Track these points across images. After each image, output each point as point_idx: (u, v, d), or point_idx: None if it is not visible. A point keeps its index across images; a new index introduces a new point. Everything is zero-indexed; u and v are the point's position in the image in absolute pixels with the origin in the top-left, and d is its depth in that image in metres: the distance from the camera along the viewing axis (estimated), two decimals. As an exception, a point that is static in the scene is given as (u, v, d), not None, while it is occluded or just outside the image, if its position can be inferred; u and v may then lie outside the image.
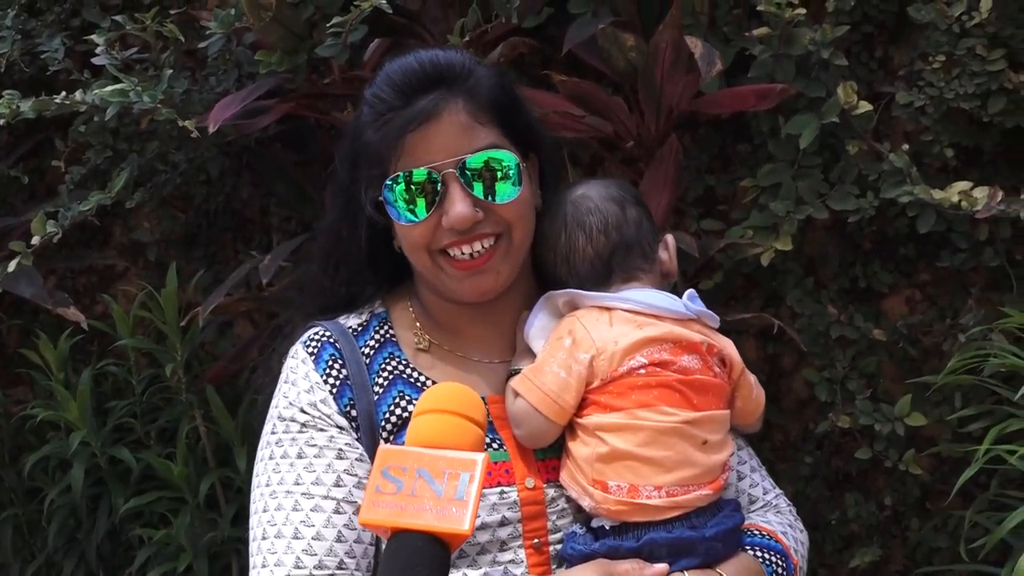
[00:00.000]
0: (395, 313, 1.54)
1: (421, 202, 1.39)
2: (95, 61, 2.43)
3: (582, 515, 1.40)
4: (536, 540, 1.38)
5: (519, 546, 1.37)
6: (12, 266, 2.31)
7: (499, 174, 1.40)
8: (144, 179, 2.69)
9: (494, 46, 2.16)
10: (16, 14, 2.68)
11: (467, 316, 1.51)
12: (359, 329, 1.51)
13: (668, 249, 1.51)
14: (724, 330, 2.41)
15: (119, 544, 2.83)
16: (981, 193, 2.00)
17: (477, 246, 1.41)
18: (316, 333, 1.50)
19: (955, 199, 2.00)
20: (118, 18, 2.42)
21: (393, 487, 1.15)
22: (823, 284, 2.34)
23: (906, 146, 2.10)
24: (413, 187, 1.39)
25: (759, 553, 1.44)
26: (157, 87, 2.31)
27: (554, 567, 1.38)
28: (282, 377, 1.49)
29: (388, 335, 1.51)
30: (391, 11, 2.05)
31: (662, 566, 1.32)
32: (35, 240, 2.34)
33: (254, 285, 2.63)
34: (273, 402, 1.48)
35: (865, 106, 2.05)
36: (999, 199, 1.97)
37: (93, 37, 2.41)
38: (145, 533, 2.67)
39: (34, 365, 2.81)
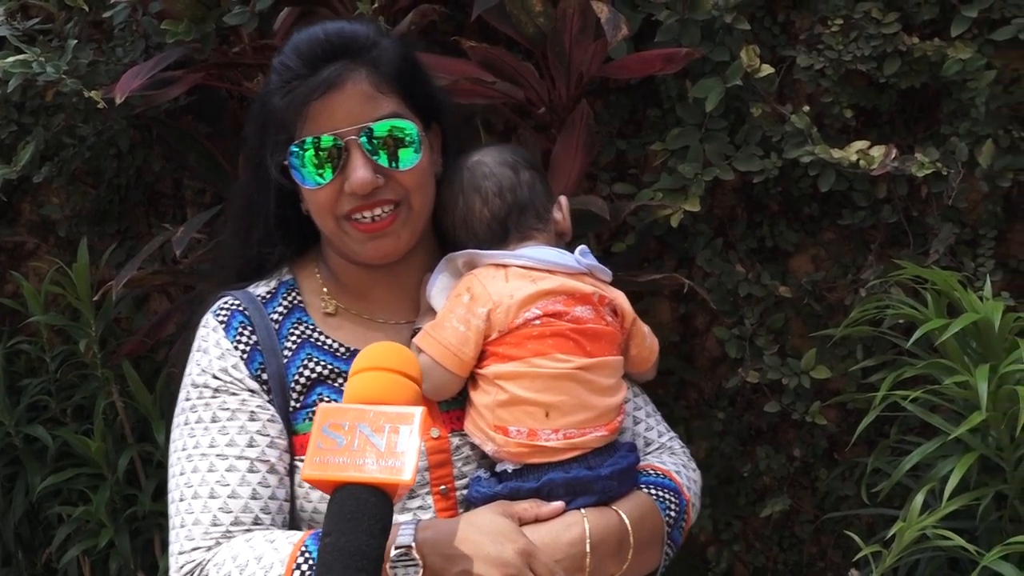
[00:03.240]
0: (302, 279, 1.59)
1: (325, 168, 1.45)
2: (-5, 32, 2.38)
3: (486, 461, 1.48)
4: (443, 487, 1.45)
5: (427, 493, 1.44)
6: (-85, 244, 2.26)
7: (399, 142, 1.46)
8: (51, 153, 2.64)
9: (405, 13, 2.16)
10: (-89, -15, 2.60)
11: (372, 279, 1.57)
12: (267, 296, 1.56)
13: (562, 209, 1.59)
14: (639, 292, 2.49)
15: (37, 523, 2.80)
16: (878, 152, 2.08)
17: (378, 211, 1.47)
18: (226, 302, 1.55)
19: (853, 158, 2.07)
20: (19, -13, 2.37)
21: (334, 443, 1.20)
22: (732, 244, 2.41)
23: (807, 108, 2.17)
24: (317, 153, 1.45)
25: (653, 491, 1.52)
26: (62, 58, 2.26)
27: (460, 510, 1.45)
28: (194, 346, 1.54)
29: (296, 301, 1.56)
30: (299, -22, 2.04)
31: (558, 504, 1.41)
32: (-61, 216, 2.29)
33: (169, 259, 2.61)
34: (187, 370, 1.53)
35: (767, 69, 2.11)
36: (893, 156, 2.05)
37: (-7, 7, 2.36)
38: (64, 511, 2.65)
39: (-57, 345, 2.75)
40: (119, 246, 2.76)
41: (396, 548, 1.30)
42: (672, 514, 1.53)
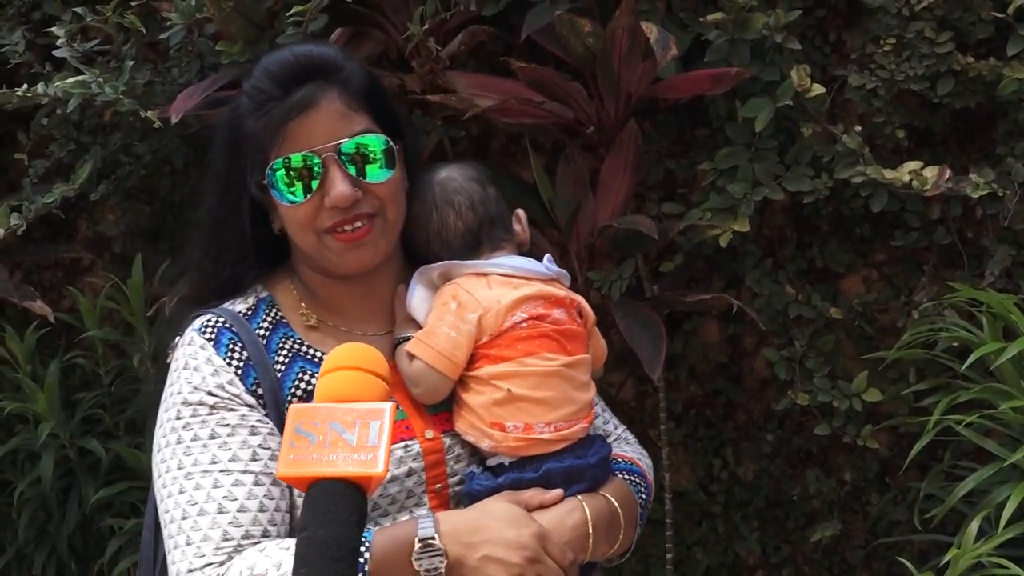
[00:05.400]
0: (279, 296, 1.62)
1: (303, 185, 1.50)
2: (56, 54, 2.43)
3: (476, 458, 1.56)
4: (438, 485, 1.52)
5: (423, 492, 1.51)
6: (-24, 260, 2.32)
7: (373, 156, 1.52)
8: (108, 171, 2.70)
9: (454, 34, 2.18)
10: (-25, 9, 2.68)
11: (347, 293, 1.61)
12: (248, 313, 1.58)
13: (521, 221, 1.67)
14: (687, 312, 2.48)
15: (90, 535, 2.84)
16: (931, 172, 2.05)
17: (357, 223, 1.53)
18: (209, 320, 1.55)
19: (906, 178, 2.05)
20: (79, 10, 2.42)
21: (307, 441, 1.21)
22: (781, 265, 2.39)
23: (859, 128, 2.15)
24: (295, 171, 1.50)
25: (627, 477, 1.64)
26: (119, 79, 2.31)
27: (452, 506, 1.52)
28: (179, 364, 1.52)
29: (278, 317, 1.59)
30: (351, 0, 2.06)
31: (558, 491, 1.50)
32: (-1, 233, 2.34)
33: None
34: (172, 389, 1.51)
35: (818, 89, 2.09)
36: (947, 177, 2.02)
37: (54, 30, 2.41)
38: (116, 523, 2.67)
39: (0, 359, 2.80)
40: (172, 262, 2.80)
41: (419, 541, 1.37)
42: (643, 496, 1.64)
